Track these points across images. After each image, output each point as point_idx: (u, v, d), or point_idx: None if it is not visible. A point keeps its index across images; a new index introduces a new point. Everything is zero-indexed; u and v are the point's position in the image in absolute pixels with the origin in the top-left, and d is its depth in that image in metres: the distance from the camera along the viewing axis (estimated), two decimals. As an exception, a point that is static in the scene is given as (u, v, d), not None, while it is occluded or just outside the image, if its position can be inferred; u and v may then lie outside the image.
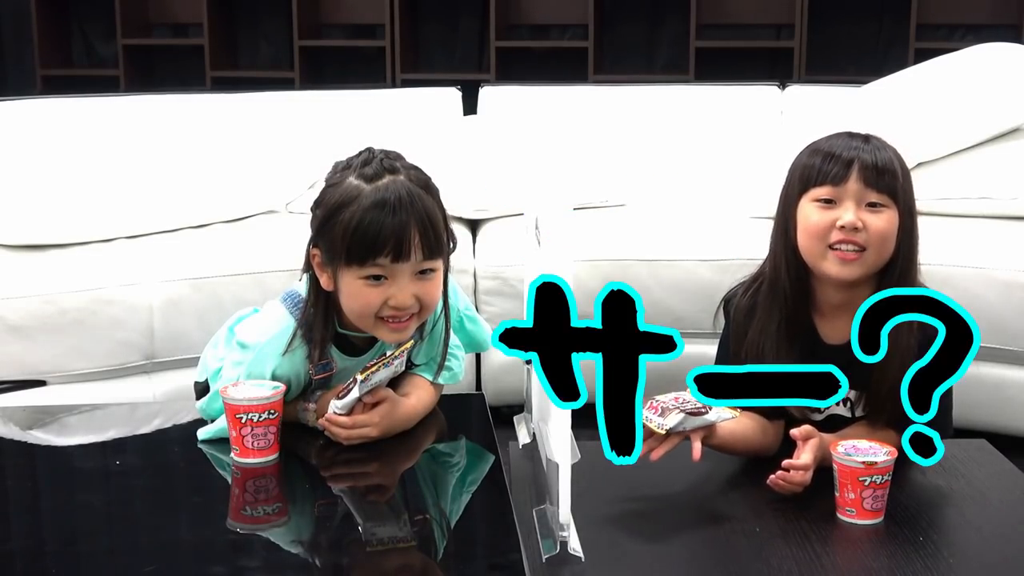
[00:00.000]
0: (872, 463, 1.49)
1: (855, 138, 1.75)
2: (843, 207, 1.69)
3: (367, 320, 1.64)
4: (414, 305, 1.62)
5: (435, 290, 1.65)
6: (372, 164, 1.62)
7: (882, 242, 1.69)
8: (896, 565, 1.41)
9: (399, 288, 1.60)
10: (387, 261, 1.58)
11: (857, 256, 1.69)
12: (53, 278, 2.59)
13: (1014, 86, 3.07)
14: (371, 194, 1.59)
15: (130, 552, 1.40)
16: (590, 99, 3.61)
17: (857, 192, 1.69)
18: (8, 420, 1.84)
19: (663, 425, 1.56)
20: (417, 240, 1.58)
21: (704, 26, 4.84)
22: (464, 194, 3.07)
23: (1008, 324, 2.63)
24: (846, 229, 1.67)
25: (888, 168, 1.71)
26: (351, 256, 1.59)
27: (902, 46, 4.63)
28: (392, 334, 1.65)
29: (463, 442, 1.77)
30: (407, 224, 1.58)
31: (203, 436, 1.69)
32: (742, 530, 1.51)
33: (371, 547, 1.40)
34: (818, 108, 3.35)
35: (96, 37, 5.30)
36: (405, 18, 4.86)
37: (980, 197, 2.94)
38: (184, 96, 3.59)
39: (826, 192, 1.70)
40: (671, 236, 2.90)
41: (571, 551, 1.40)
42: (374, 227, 1.57)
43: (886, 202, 1.70)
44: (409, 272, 1.60)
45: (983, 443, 1.80)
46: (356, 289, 1.61)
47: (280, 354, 1.66)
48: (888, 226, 1.69)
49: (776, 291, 1.75)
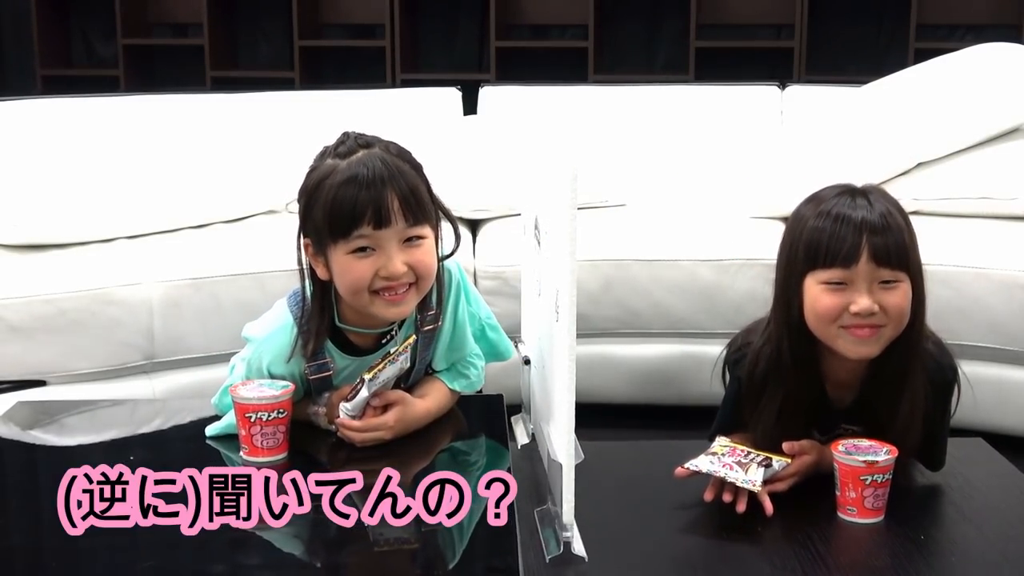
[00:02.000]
0: (873, 462, 1.49)
1: (857, 197, 1.61)
2: (855, 289, 1.57)
3: (362, 297, 1.61)
4: (407, 274, 1.60)
5: (426, 257, 1.62)
6: (347, 143, 1.64)
7: (900, 317, 1.59)
8: (899, 564, 1.41)
9: (388, 257, 1.58)
10: (370, 230, 1.57)
11: (874, 332, 1.58)
12: (53, 278, 2.59)
13: (1014, 86, 3.07)
14: (346, 168, 1.59)
15: (132, 548, 1.40)
16: (590, 99, 3.61)
17: (869, 273, 1.56)
18: (9, 419, 1.84)
19: (752, 481, 1.54)
20: (397, 205, 1.57)
21: (704, 26, 4.84)
22: (464, 194, 3.07)
23: (1008, 324, 2.63)
24: (861, 315, 1.57)
25: (898, 239, 1.58)
26: (334, 231, 1.58)
27: (902, 46, 4.63)
28: (390, 307, 1.62)
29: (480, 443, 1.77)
30: (384, 189, 1.57)
31: (211, 432, 1.69)
32: (744, 530, 1.51)
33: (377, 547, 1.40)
34: (818, 108, 3.35)
35: (96, 37, 5.30)
36: (405, 18, 4.86)
37: (980, 197, 2.94)
38: (184, 96, 3.58)
39: (836, 275, 1.57)
40: (671, 236, 2.90)
41: (574, 552, 1.40)
42: (351, 196, 1.57)
43: (900, 276, 1.58)
44: (396, 240, 1.59)
45: (979, 442, 1.80)
46: (346, 264, 1.59)
47: (276, 351, 1.66)
48: (904, 301, 1.58)
49: (780, 370, 1.65)
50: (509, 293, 2.78)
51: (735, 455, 1.59)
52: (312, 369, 1.69)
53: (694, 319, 2.80)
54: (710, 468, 1.56)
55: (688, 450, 1.61)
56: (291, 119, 3.45)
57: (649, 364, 2.85)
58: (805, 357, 1.64)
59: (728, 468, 1.56)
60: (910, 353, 1.62)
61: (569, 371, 1.37)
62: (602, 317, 2.82)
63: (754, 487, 1.53)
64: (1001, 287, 2.63)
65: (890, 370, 1.63)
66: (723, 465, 1.57)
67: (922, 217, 2.92)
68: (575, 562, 1.39)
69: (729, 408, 1.75)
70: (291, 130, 3.39)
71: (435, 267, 1.65)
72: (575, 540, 1.40)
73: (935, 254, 2.64)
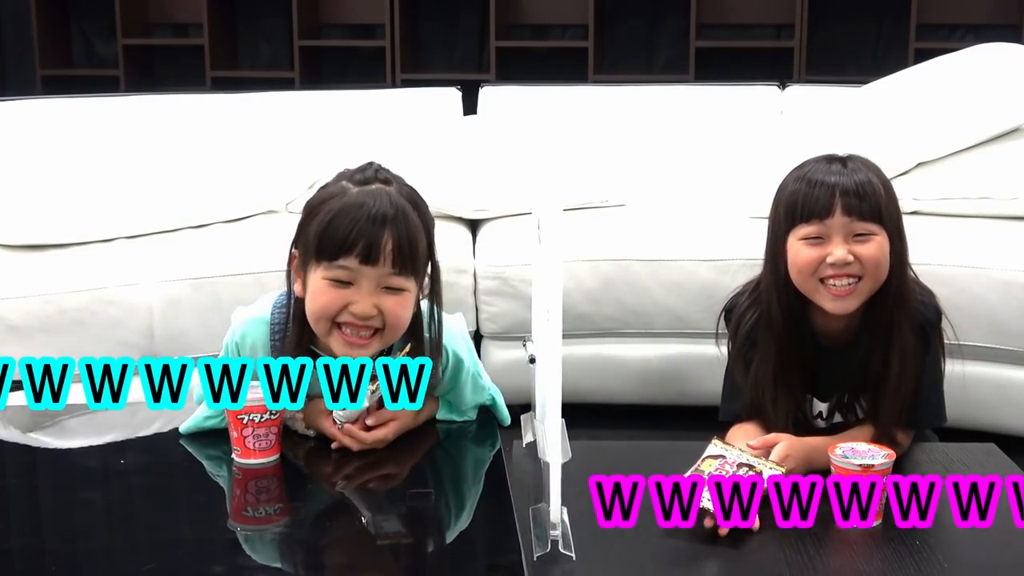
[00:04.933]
0: (869, 465, 1.48)
1: (834, 163, 1.74)
2: (832, 243, 1.69)
3: (324, 325, 1.58)
4: (376, 318, 1.56)
5: (400, 308, 1.58)
6: (367, 172, 1.61)
7: (876, 269, 1.70)
8: (888, 568, 1.40)
9: (361, 295, 1.55)
10: (355, 263, 1.54)
11: (852, 289, 1.70)
12: (53, 278, 2.59)
13: (1014, 86, 3.07)
14: (355, 195, 1.57)
15: (130, 551, 1.40)
16: (590, 99, 3.61)
17: (844, 225, 1.69)
18: (7, 420, 1.84)
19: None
20: (389, 249, 1.54)
21: (704, 26, 4.84)
22: (464, 194, 3.07)
23: (1008, 324, 2.63)
24: (837, 265, 1.68)
25: (870, 193, 1.70)
26: (321, 251, 1.56)
27: (902, 46, 4.62)
28: (344, 347, 1.58)
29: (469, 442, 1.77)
30: (382, 229, 1.54)
31: (183, 429, 1.70)
32: (737, 531, 1.50)
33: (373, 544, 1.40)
34: (818, 108, 3.35)
35: (96, 37, 5.30)
36: (405, 18, 4.86)
37: (980, 197, 2.94)
38: (184, 96, 3.58)
39: (813, 230, 1.70)
40: (671, 236, 2.89)
41: (562, 550, 1.39)
42: (348, 223, 1.54)
43: (874, 229, 1.70)
44: (375, 281, 1.56)
45: (992, 447, 1.79)
46: (320, 288, 1.57)
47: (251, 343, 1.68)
48: (879, 252, 1.70)
49: (772, 329, 1.77)
50: (509, 293, 2.78)
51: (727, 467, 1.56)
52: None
53: (694, 319, 2.80)
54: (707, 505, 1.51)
55: (688, 450, 1.60)
56: (291, 119, 3.45)
57: (649, 364, 2.84)
58: (795, 315, 1.75)
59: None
60: (895, 306, 1.71)
61: (557, 370, 1.37)
62: (602, 317, 2.82)
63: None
64: (1001, 287, 2.63)
65: (877, 324, 1.72)
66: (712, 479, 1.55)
67: (922, 217, 2.92)
68: (562, 560, 1.38)
69: (729, 380, 1.86)
70: (291, 130, 3.39)
71: (406, 321, 1.61)
72: (562, 539, 1.40)
73: (935, 254, 2.64)
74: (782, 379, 1.75)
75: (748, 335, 1.79)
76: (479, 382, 1.79)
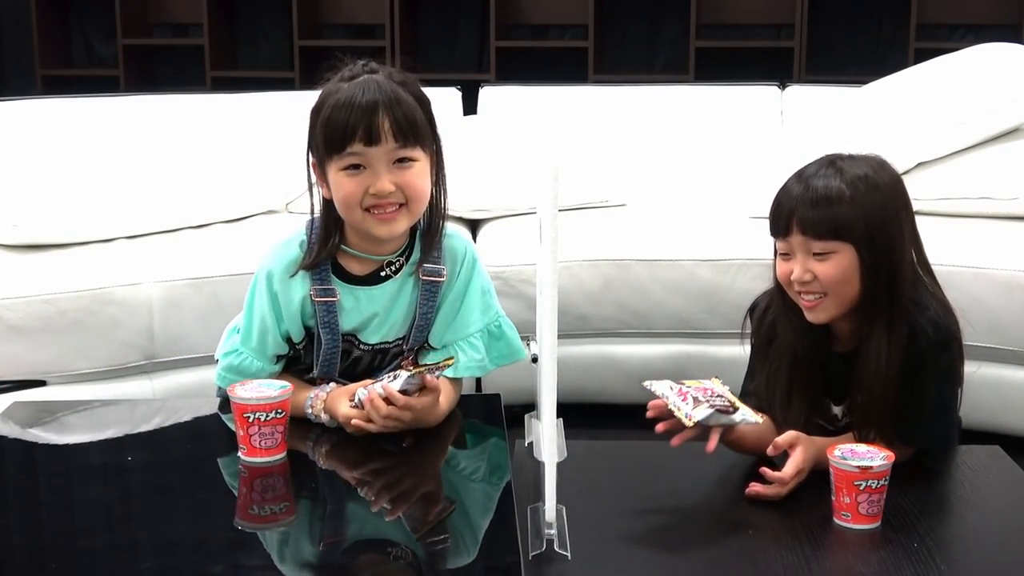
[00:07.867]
0: (868, 467, 1.48)
1: (824, 167, 1.69)
2: (795, 260, 1.67)
3: (355, 213, 1.68)
4: (396, 194, 1.67)
5: (415, 179, 1.69)
6: (354, 68, 1.73)
7: (837, 286, 1.65)
8: (885, 571, 1.40)
9: (376, 175, 1.66)
10: (361, 147, 1.64)
11: (819, 302, 1.67)
12: (53, 278, 2.59)
13: (1014, 86, 3.07)
14: (347, 89, 1.68)
15: (132, 549, 1.40)
16: (590, 99, 3.61)
17: (802, 244, 1.66)
18: (8, 418, 1.84)
19: (690, 416, 1.56)
20: (387, 126, 1.64)
21: (704, 26, 4.84)
22: (464, 194, 3.07)
23: (1008, 324, 2.63)
24: (797, 283, 1.67)
25: (834, 212, 1.63)
26: (329, 147, 1.67)
27: (902, 46, 4.63)
28: (380, 225, 1.69)
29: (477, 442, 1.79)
30: (376, 108, 1.64)
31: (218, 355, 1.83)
32: (734, 531, 1.50)
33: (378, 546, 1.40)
34: (818, 108, 3.35)
35: (96, 37, 5.30)
36: (405, 18, 4.86)
37: (980, 197, 2.94)
38: (184, 96, 3.59)
39: (782, 245, 1.70)
40: (671, 236, 2.89)
41: (556, 549, 1.39)
42: (345, 113, 1.65)
43: (833, 247, 1.64)
44: (385, 159, 1.66)
45: (996, 449, 1.77)
46: (339, 181, 1.68)
47: (284, 262, 1.76)
48: (837, 270, 1.64)
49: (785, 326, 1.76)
50: (509, 293, 2.78)
51: (704, 393, 1.59)
52: (318, 292, 1.74)
53: (694, 319, 2.80)
54: (662, 391, 1.58)
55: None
56: (291, 119, 3.41)
57: (649, 364, 2.84)
58: (803, 319, 1.72)
59: (682, 398, 1.57)
60: (882, 315, 1.66)
61: (552, 369, 1.37)
62: (602, 317, 2.82)
63: (688, 421, 1.55)
64: (1001, 287, 2.63)
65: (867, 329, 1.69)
66: (679, 394, 1.58)
67: (922, 217, 2.90)
68: (557, 560, 1.38)
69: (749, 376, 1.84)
70: (291, 130, 3.35)
71: (426, 191, 1.72)
72: (557, 538, 1.40)
73: (935, 254, 2.62)
74: (798, 381, 1.73)
75: (766, 335, 1.79)
76: (489, 301, 1.85)
